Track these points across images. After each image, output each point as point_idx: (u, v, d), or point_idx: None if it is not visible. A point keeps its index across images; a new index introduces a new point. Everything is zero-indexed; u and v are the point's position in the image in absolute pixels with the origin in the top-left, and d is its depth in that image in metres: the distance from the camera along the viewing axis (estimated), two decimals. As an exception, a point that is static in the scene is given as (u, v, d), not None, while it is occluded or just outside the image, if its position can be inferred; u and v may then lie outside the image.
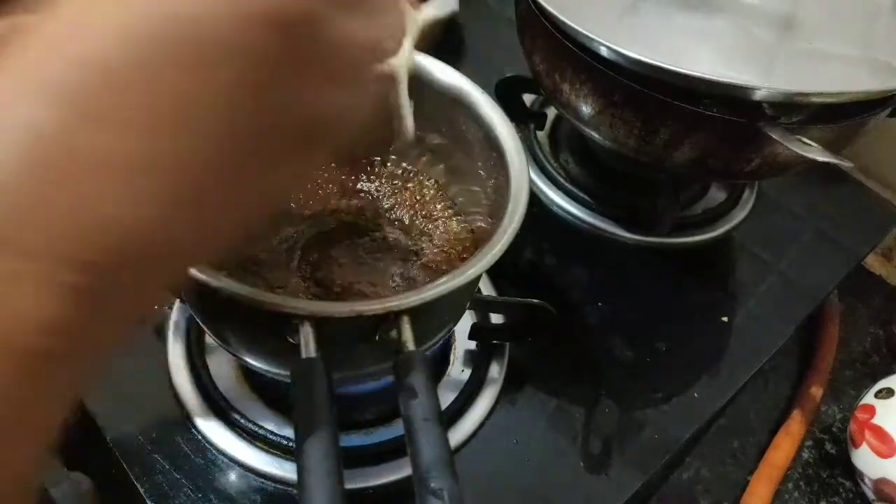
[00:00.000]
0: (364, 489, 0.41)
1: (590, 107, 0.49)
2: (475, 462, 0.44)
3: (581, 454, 0.46)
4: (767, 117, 0.44)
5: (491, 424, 0.46)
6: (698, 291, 0.58)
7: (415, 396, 0.28)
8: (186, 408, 0.42)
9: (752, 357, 0.54)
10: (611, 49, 0.44)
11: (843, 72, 0.53)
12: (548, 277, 0.57)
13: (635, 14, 0.61)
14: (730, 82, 0.42)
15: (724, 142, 0.46)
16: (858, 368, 0.66)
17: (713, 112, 0.45)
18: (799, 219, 0.66)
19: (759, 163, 0.47)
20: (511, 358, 0.49)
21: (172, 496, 0.39)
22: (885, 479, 0.53)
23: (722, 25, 0.61)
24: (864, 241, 0.65)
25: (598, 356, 0.52)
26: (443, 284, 0.32)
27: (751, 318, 0.56)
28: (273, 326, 0.30)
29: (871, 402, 0.56)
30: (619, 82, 0.46)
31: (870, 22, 0.54)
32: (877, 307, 0.71)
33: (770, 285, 0.59)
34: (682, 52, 0.60)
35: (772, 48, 0.59)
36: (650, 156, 0.49)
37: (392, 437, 0.43)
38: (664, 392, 0.50)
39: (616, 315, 0.54)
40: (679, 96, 0.44)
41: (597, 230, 0.59)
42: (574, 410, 0.48)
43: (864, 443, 0.54)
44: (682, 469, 0.56)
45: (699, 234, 0.60)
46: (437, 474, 0.26)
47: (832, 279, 0.61)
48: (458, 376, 0.47)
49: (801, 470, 0.58)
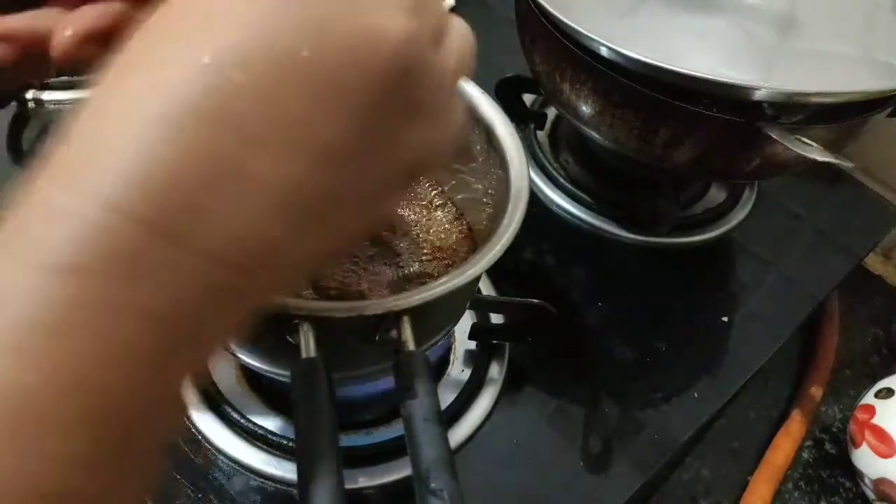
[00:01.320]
0: (364, 489, 0.41)
1: (590, 107, 0.49)
2: (475, 462, 0.44)
3: (581, 454, 0.46)
4: (767, 117, 0.44)
5: (491, 424, 0.46)
6: (698, 291, 0.58)
7: (415, 396, 0.28)
8: (186, 408, 0.42)
9: (752, 357, 0.54)
10: (611, 49, 0.44)
11: (843, 72, 0.53)
12: (548, 277, 0.57)
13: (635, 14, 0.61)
14: (730, 82, 0.42)
15: (724, 142, 0.46)
16: (858, 368, 0.66)
17: (713, 112, 0.45)
18: (799, 219, 0.66)
19: (759, 163, 0.47)
20: (511, 358, 0.49)
21: (173, 497, 0.39)
22: (885, 479, 0.53)
23: (722, 25, 0.61)
24: (864, 241, 0.65)
25: (598, 356, 0.52)
26: (443, 284, 0.32)
27: (751, 318, 0.56)
28: (273, 326, 0.30)
29: (871, 402, 0.56)
30: (619, 82, 0.46)
31: (870, 22, 0.54)
32: (877, 307, 0.71)
33: (770, 285, 0.59)
34: (682, 52, 0.60)
35: (772, 48, 0.59)
36: (650, 156, 0.49)
37: (392, 437, 0.43)
38: (664, 392, 0.50)
39: (616, 315, 0.54)
40: (679, 96, 0.44)
41: (597, 230, 0.59)
42: (574, 410, 0.48)
43: (864, 443, 0.54)
44: (682, 469, 0.56)
45: (699, 234, 0.60)
46: (437, 474, 0.26)
47: (832, 279, 0.61)
48: (458, 376, 0.47)
49: (801, 470, 0.58)
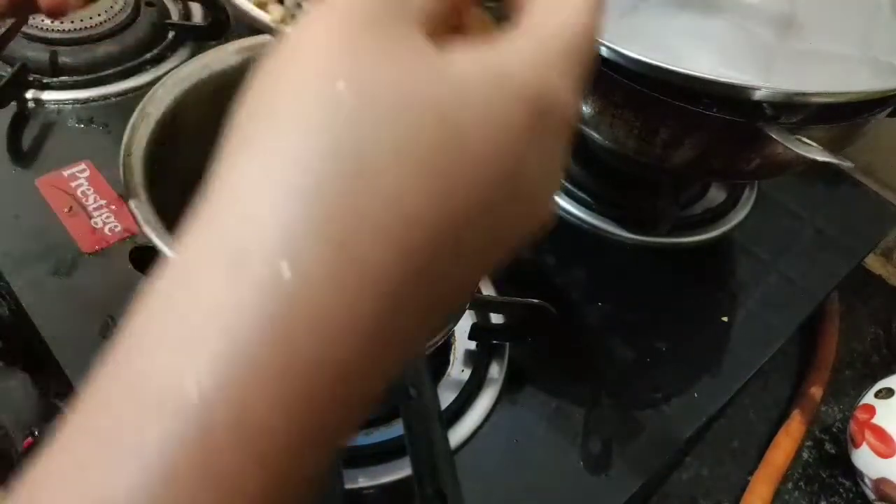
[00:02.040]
0: (364, 489, 0.41)
1: (590, 107, 0.49)
2: (475, 462, 0.44)
3: (581, 454, 0.46)
4: (767, 117, 0.44)
5: (491, 424, 0.46)
6: (698, 291, 0.58)
7: (415, 396, 0.28)
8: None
9: (752, 357, 0.54)
10: (611, 49, 0.44)
11: (843, 72, 0.53)
12: (548, 277, 0.57)
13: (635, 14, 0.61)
14: (730, 82, 0.42)
15: (724, 142, 0.46)
16: (858, 368, 0.66)
17: (713, 112, 0.45)
18: (799, 219, 0.66)
19: (759, 163, 0.47)
20: (511, 358, 0.49)
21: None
22: (885, 479, 0.53)
23: (722, 25, 0.61)
24: (864, 241, 0.65)
25: (598, 356, 0.52)
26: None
27: (751, 318, 0.56)
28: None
29: (871, 402, 0.56)
30: (619, 82, 0.46)
31: (870, 22, 0.54)
32: (877, 307, 0.71)
33: (770, 285, 0.59)
34: (682, 52, 0.60)
35: (772, 48, 0.58)
36: (650, 156, 0.49)
37: (392, 437, 0.43)
38: (664, 392, 0.50)
39: (616, 315, 0.54)
40: (679, 96, 0.44)
41: (597, 230, 0.59)
42: (574, 410, 0.48)
43: (864, 443, 0.54)
44: (682, 469, 0.56)
45: (699, 234, 0.60)
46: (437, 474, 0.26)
47: (832, 279, 0.61)
48: (458, 376, 0.47)
49: (801, 470, 0.58)
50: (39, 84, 0.60)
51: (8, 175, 0.54)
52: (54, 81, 0.60)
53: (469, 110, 0.15)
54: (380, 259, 0.14)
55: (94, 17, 0.64)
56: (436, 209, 0.14)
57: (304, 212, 0.13)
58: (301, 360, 0.13)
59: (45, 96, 0.60)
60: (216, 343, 0.13)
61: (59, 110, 0.59)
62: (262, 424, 0.13)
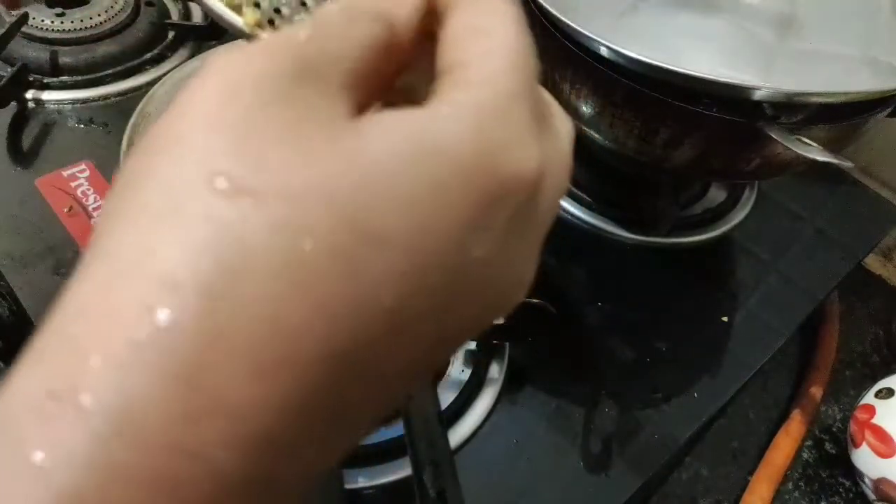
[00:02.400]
0: (364, 489, 0.41)
1: (590, 107, 0.49)
2: (475, 462, 0.44)
3: (581, 454, 0.46)
4: (767, 117, 0.44)
5: (491, 424, 0.46)
6: (698, 291, 0.58)
7: (415, 396, 0.28)
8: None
9: (752, 357, 0.54)
10: (611, 49, 0.44)
11: (843, 72, 0.53)
12: (548, 277, 0.57)
13: (635, 14, 0.61)
14: (730, 82, 0.42)
15: (724, 142, 0.46)
16: (858, 368, 0.66)
17: (713, 112, 0.45)
18: (799, 219, 0.66)
19: (759, 163, 0.47)
20: (511, 358, 0.49)
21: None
22: (885, 479, 0.53)
23: (722, 25, 0.61)
24: (864, 241, 0.65)
25: (598, 356, 0.52)
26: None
27: (751, 318, 0.56)
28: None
29: (871, 402, 0.56)
30: (619, 82, 0.46)
31: (870, 22, 0.54)
32: (877, 307, 0.71)
33: (770, 285, 0.59)
34: (682, 52, 0.60)
35: (772, 48, 0.59)
36: (650, 156, 0.49)
37: (392, 437, 0.43)
38: (664, 392, 0.50)
39: (616, 315, 0.54)
40: (679, 96, 0.44)
41: (597, 230, 0.59)
42: (574, 410, 0.48)
43: (864, 443, 0.54)
44: (682, 469, 0.56)
45: (699, 234, 0.60)
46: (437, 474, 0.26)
47: (832, 279, 0.61)
48: (458, 376, 0.47)
49: (801, 470, 0.58)
50: (39, 84, 0.60)
51: (8, 175, 0.54)
52: (54, 81, 0.60)
53: (386, 204, 0.12)
54: (243, 399, 0.11)
55: (94, 17, 0.64)
56: (323, 343, 0.12)
57: (146, 377, 0.11)
58: None
59: (45, 96, 0.60)
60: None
61: (59, 110, 0.59)
62: None
